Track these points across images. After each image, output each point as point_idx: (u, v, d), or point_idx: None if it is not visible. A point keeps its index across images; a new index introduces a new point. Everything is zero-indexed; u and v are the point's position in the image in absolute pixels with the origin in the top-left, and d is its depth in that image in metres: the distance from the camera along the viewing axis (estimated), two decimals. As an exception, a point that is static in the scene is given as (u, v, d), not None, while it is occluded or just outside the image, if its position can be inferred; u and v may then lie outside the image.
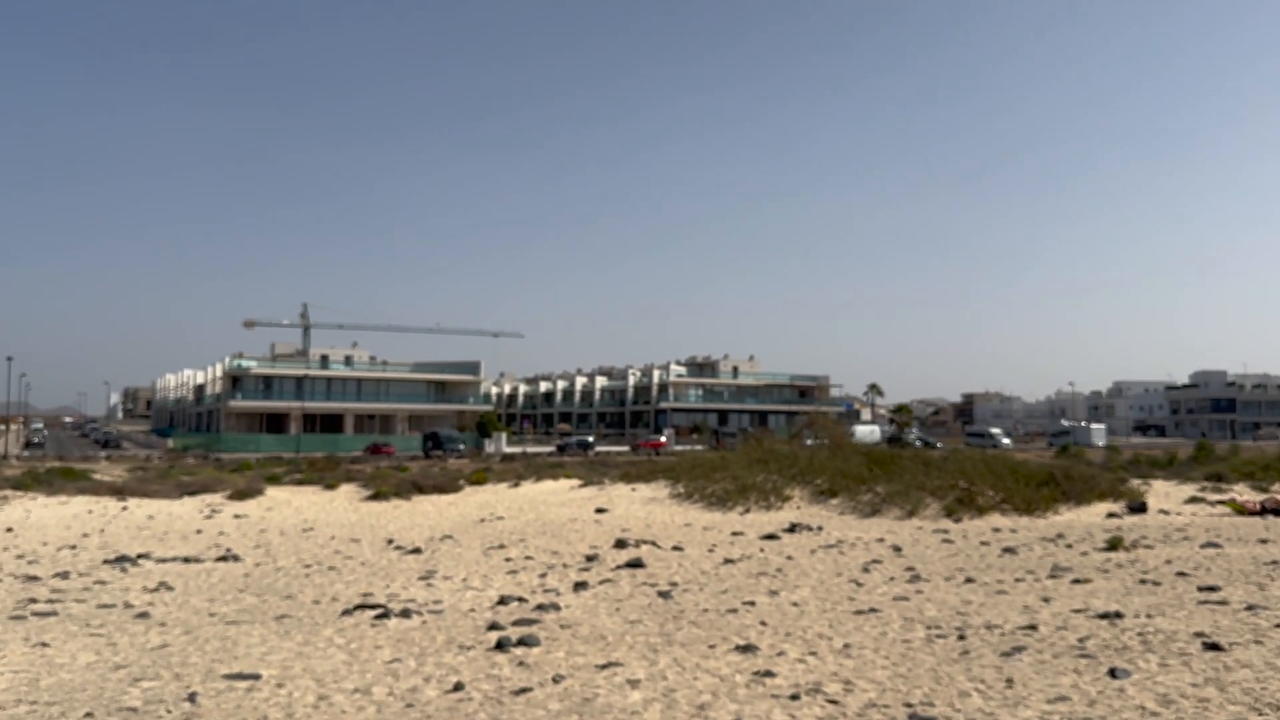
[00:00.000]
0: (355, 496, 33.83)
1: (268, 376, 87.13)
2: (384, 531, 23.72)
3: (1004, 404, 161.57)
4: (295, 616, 10.95)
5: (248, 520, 26.78)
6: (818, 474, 30.18)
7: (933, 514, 26.10)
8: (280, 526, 25.07)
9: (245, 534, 22.90)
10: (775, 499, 28.55)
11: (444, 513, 29.25)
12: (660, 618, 10.87)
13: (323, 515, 28.69)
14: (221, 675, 7.93)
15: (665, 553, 18.13)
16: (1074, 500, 27.86)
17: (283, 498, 32.89)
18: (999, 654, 8.96)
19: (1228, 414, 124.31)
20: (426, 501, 32.28)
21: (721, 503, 28.79)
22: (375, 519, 27.50)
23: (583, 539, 21.28)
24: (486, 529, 23.87)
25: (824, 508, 27.86)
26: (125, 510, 29.22)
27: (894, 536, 21.56)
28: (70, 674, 8.09)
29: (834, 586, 13.61)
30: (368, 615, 10.81)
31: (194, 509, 29.78)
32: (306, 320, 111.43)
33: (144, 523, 25.81)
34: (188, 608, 11.78)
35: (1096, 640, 9.58)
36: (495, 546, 19.13)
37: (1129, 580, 14.24)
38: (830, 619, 10.93)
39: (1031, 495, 26.93)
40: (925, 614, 11.31)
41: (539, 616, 10.78)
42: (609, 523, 25.52)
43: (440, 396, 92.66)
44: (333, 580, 14.42)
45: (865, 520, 25.70)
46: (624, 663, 8.47)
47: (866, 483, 28.68)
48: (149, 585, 13.85)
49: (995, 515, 25.97)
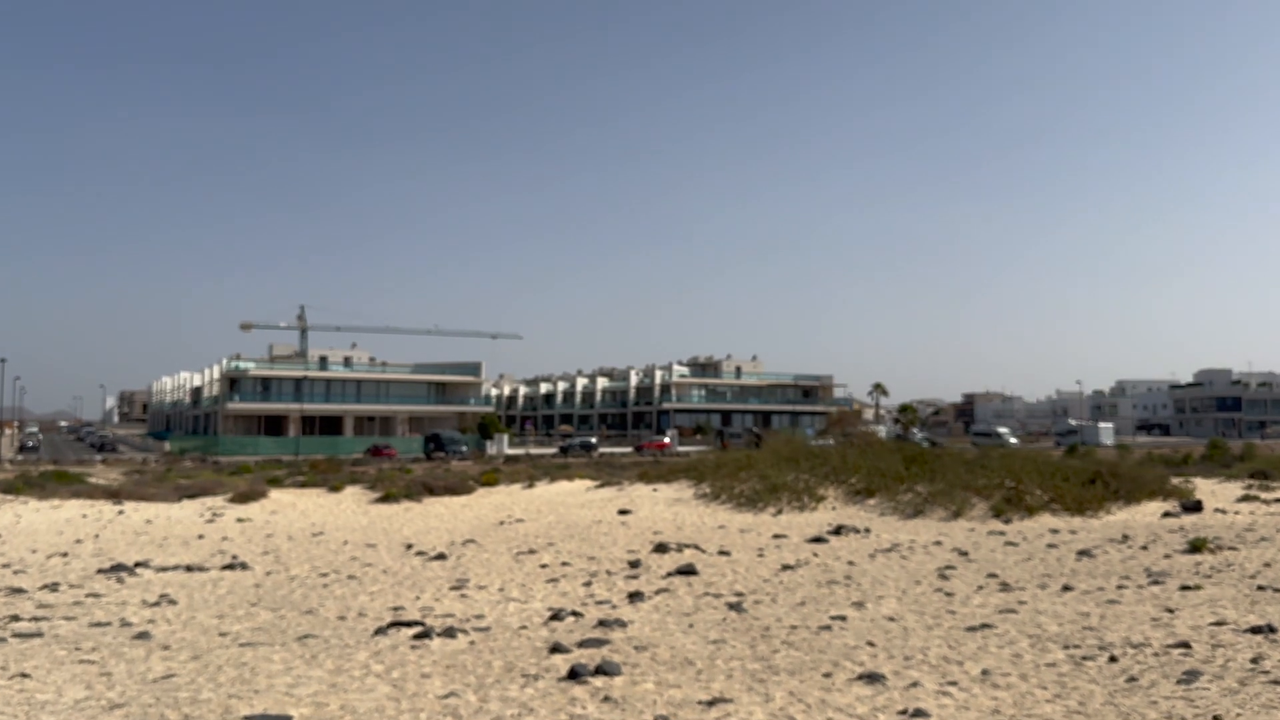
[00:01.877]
0: (363, 499, 32.25)
1: (266, 378, 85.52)
2: (400, 536, 22.17)
3: (1005, 404, 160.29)
4: (321, 636, 9.37)
5: (252, 525, 25.18)
6: (851, 473, 28.66)
7: (980, 514, 24.61)
8: (288, 531, 23.49)
9: (251, 539, 21.31)
10: (809, 499, 27.03)
11: (459, 515, 27.70)
12: (745, 636, 9.34)
13: (331, 519, 27.11)
14: (243, 717, 6.37)
15: (712, 558, 16.61)
16: (1123, 499, 26.48)
17: (287, 501, 31.30)
18: (1174, 681, 7.47)
19: (1233, 413, 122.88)
20: (439, 504, 30.72)
21: (751, 503, 27.27)
22: (387, 522, 25.92)
23: (614, 543, 19.75)
24: (509, 532, 22.32)
25: (861, 508, 26.35)
26: (121, 514, 27.62)
27: (949, 539, 20.07)
28: (54, 716, 6.53)
29: (921, 597, 12.09)
30: (405, 634, 9.23)
31: (194, 513, 28.18)
32: (304, 322, 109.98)
33: (141, 527, 24.21)
34: (194, 626, 10.17)
35: (1272, 661, 8.13)
36: (525, 551, 17.57)
37: (1242, 586, 12.81)
38: (942, 637, 9.41)
39: (1082, 494, 25.49)
40: (1047, 629, 9.80)
41: (605, 635, 9.23)
42: (636, 525, 23.99)
43: (441, 398, 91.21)
44: (355, 591, 12.82)
45: (909, 522, 24.19)
46: (731, 697, 6.93)
47: (905, 482, 27.19)
48: (148, 598, 12.23)
49: (1046, 515, 24.52)
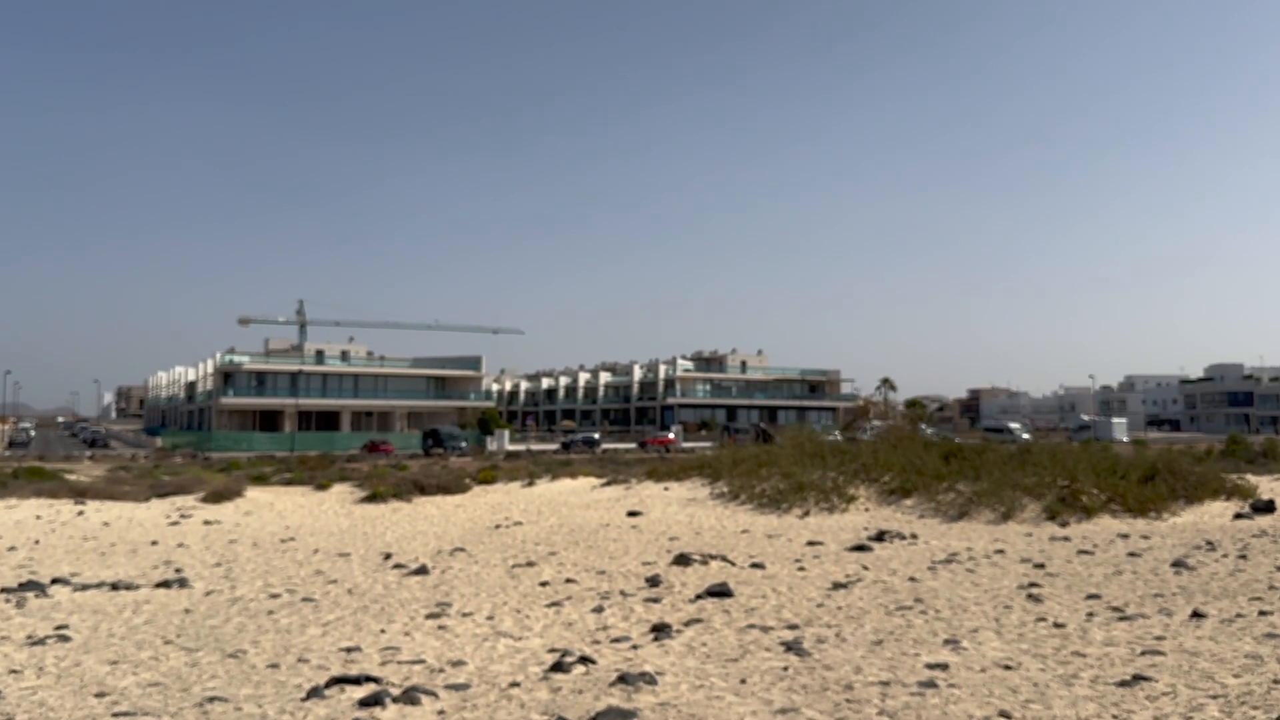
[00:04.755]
0: (349, 498, 29.73)
1: (261, 372, 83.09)
2: (380, 542, 19.59)
3: (1011, 399, 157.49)
4: (233, 700, 6.74)
5: (219, 527, 22.63)
6: (884, 470, 26.05)
7: (1031, 516, 22.02)
8: (256, 535, 20.93)
9: (210, 546, 18.74)
10: (838, 499, 24.43)
11: (451, 517, 25.13)
12: (823, 700, 6.71)
13: (309, 520, 24.55)
14: None
15: (745, 572, 14.01)
16: (1183, 498, 23.91)
17: (265, 500, 28.76)
18: None
19: (1244, 407, 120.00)
20: (430, 504, 28.17)
21: (774, 504, 24.69)
22: (370, 525, 23.35)
23: (626, 551, 17.16)
24: (505, 538, 19.74)
25: (898, 510, 23.74)
26: (81, 515, 25.12)
27: (1010, 546, 17.46)
28: None
29: (1025, 630, 9.47)
30: (349, 699, 6.57)
31: (160, 513, 25.67)
32: (303, 317, 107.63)
33: (94, 531, 21.66)
34: (70, 679, 7.52)
35: None
36: (523, 564, 14.96)
37: None
38: (1092, 697, 6.79)
39: (1143, 493, 22.91)
40: (1224, 682, 7.19)
41: (627, 701, 6.61)
42: (649, 529, 21.41)
43: (440, 393, 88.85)
44: (305, 621, 10.19)
45: (954, 525, 21.59)
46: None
47: (945, 480, 24.59)
48: (39, 632, 9.60)
49: (1105, 517, 21.94)
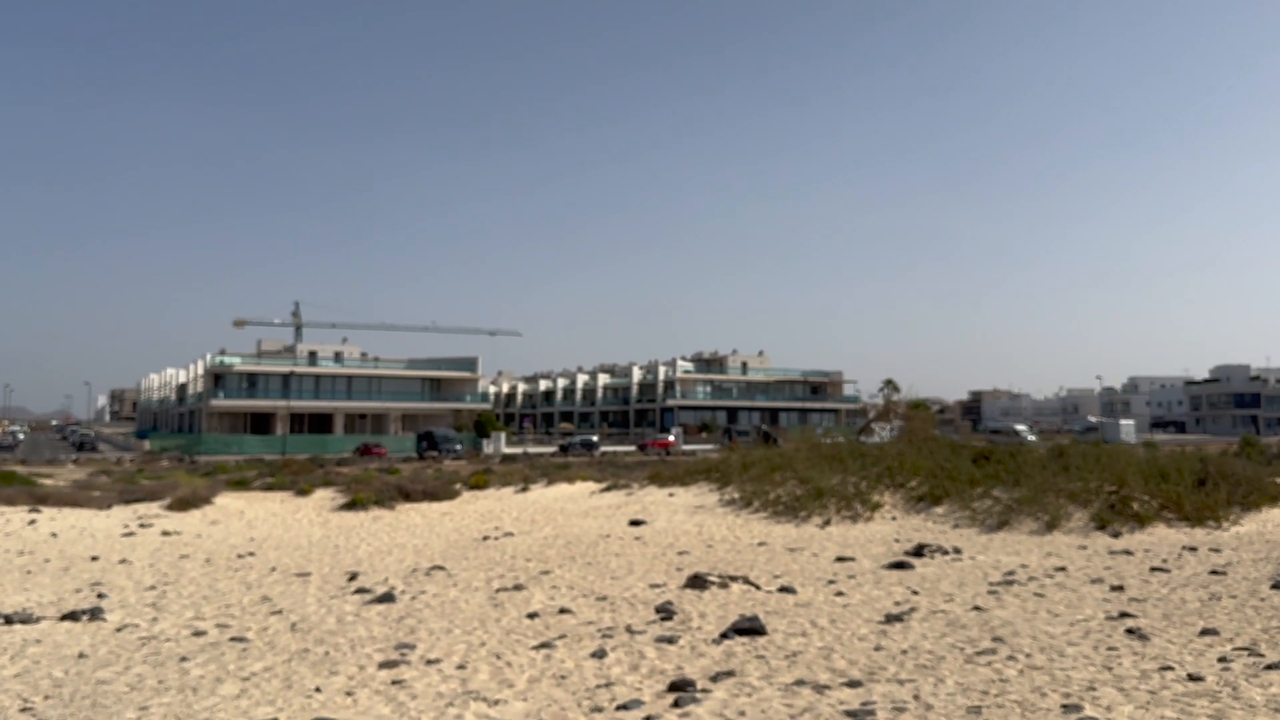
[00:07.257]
0: (328, 505, 27.49)
1: (252, 374, 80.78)
2: (351, 557, 17.35)
3: (1013, 401, 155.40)
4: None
5: (177, 539, 20.41)
6: (910, 474, 23.86)
7: (1079, 526, 19.82)
8: (214, 549, 18.70)
9: (156, 562, 16.51)
10: (861, 507, 22.24)
11: (435, 527, 22.92)
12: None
13: (278, 531, 22.33)
14: None
15: (771, 596, 11.80)
16: (1238, 504, 21.75)
17: (236, 507, 26.52)
18: None
19: (1251, 409, 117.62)
20: (414, 511, 25.94)
21: (791, 512, 22.49)
22: (345, 536, 21.13)
23: (630, 569, 14.95)
24: (492, 552, 17.52)
25: (928, 518, 21.54)
26: (31, 525, 22.86)
27: (1068, 561, 15.25)
28: None
29: (1149, 684, 7.24)
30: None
31: (119, 522, 23.45)
32: (298, 319, 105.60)
33: (35, 544, 19.42)
34: None
35: None
36: (509, 587, 12.73)
37: None
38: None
39: (1201, 500, 20.73)
40: None
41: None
42: (654, 541, 19.20)
43: (436, 394, 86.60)
44: (220, 675, 7.93)
45: (994, 536, 19.37)
46: None
47: (979, 485, 22.40)
48: None
49: (1160, 526, 19.76)
